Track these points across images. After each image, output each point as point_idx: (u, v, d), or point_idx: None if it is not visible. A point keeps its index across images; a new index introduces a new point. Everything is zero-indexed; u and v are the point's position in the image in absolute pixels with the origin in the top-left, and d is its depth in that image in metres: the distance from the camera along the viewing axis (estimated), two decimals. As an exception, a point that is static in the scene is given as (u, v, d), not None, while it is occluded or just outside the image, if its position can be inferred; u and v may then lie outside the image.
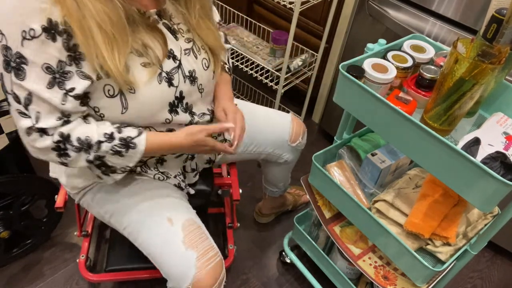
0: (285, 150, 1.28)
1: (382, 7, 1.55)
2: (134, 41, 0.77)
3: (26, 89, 0.70)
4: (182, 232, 0.93)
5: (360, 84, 0.90)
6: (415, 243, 1.02)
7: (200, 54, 0.93)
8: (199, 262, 0.91)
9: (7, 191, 1.31)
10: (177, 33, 0.89)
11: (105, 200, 0.99)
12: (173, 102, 0.88)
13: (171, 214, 0.96)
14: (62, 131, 0.76)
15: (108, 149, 0.80)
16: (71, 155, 0.78)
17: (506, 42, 0.82)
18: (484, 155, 0.81)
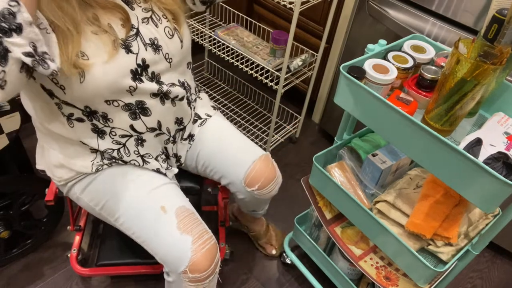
0: (239, 189, 1.12)
1: (382, 7, 1.55)
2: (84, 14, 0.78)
3: None
4: (176, 219, 0.94)
5: (361, 85, 0.90)
6: (417, 243, 1.02)
7: (161, 23, 0.92)
8: (194, 246, 0.92)
9: (7, 191, 1.30)
10: (132, 3, 0.89)
11: (95, 192, 0.99)
12: (135, 70, 0.87)
13: (164, 202, 0.97)
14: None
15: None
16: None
17: (507, 42, 0.82)
18: (486, 155, 0.81)
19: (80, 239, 1.37)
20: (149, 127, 0.97)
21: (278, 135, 2.02)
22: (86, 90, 0.82)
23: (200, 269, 0.93)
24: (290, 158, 2.04)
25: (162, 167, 1.05)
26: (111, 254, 1.25)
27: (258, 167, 1.08)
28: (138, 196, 0.97)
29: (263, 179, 1.08)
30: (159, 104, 0.96)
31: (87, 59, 0.80)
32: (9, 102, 1.20)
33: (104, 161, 0.98)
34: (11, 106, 1.21)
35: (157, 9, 0.92)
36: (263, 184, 1.08)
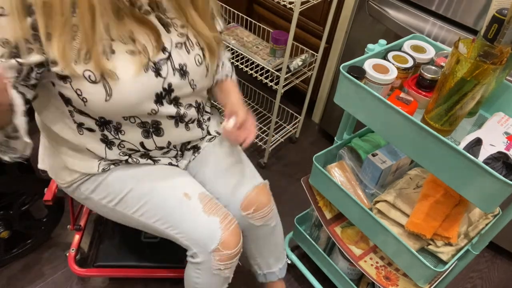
0: (234, 214, 1.07)
1: (382, 7, 1.55)
2: (119, 30, 0.78)
3: None
4: (200, 203, 0.98)
5: (361, 85, 0.90)
6: (417, 243, 1.02)
7: (193, 50, 0.92)
8: (222, 224, 0.97)
9: (7, 191, 1.30)
10: (170, 26, 0.89)
11: (110, 188, 0.99)
12: (160, 93, 0.87)
13: (185, 189, 1.00)
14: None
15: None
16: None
17: (507, 42, 0.82)
18: (486, 155, 0.81)
19: (80, 238, 1.37)
20: (158, 146, 0.98)
21: (278, 135, 2.02)
22: (108, 107, 0.82)
23: (230, 246, 0.97)
24: (290, 158, 2.04)
25: (172, 160, 1.07)
26: (110, 255, 1.24)
27: (256, 192, 1.09)
28: (158, 186, 0.99)
29: (258, 203, 1.09)
30: (173, 126, 0.97)
31: (116, 77, 0.79)
32: (9, 102, 1.20)
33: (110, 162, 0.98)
34: (11, 106, 1.21)
35: (192, 36, 0.92)
36: (258, 208, 1.09)
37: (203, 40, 0.94)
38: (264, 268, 1.25)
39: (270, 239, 1.19)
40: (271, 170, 1.95)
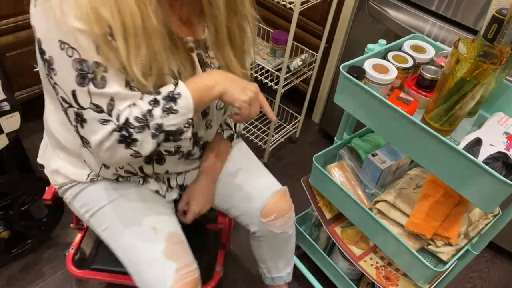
0: (252, 221, 1.07)
1: (382, 7, 1.55)
2: (173, 60, 0.77)
3: (108, 94, 0.69)
4: (164, 243, 0.90)
5: (361, 85, 0.90)
6: (417, 243, 1.02)
7: None
8: (177, 274, 0.88)
9: (7, 191, 1.30)
10: (207, 66, 0.87)
11: (87, 198, 0.96)
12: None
13: (156, 223, 0.93)
14: (120, 122, 0.72)
15: (160, 112, 0.73)
16: (138, 138, 0.73)
17: (507, 42, 0.82)
18: (486, 155, 0.81)
19: (81, 238, 1.36)
20: (156, 172, 0.96)
21: (278, 135, 2.02)
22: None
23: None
24: (290, 158, 2.04)
25: (162, 189, 1.01)
26: (107, 259, 1.22)
27: (277, 199, 1.06)
28: (131, 210, 0.94)
29: (280, 210, 1.05)
30: (177, 160, 0.96)
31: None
32: (9, 102, 1.20)
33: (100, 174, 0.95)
34: (11, 106, 1.21)
35: None
36: (279, 215, 1.04)
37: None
38: (273, 272, 1.22)
39: (286, 246, 1.16)
40: (271, 170, 1.93)
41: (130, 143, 0.74)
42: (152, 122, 0.73)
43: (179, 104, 0.74)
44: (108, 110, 0.70)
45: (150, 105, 0.73)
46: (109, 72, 0.68)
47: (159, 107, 0.73)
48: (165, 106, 0.74)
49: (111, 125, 0.71)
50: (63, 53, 0.65)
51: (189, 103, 0.75)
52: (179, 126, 0.77)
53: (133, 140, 0.73)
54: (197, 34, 0.85)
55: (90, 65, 0.66)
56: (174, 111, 0.74)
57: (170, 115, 0.74)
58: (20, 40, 1.60)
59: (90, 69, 0.66)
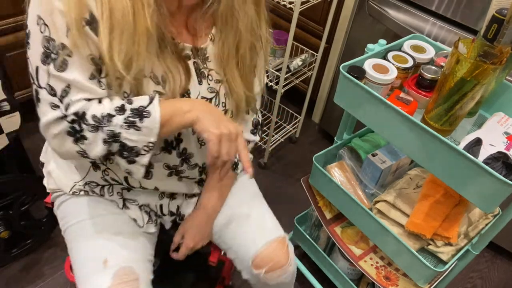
0: (244, 268, 0.97)
1: (382, 7, 1.55)
2: (158, 64, 0.74)
3: (66, 80, 0.67)
4: (111, 280, 0.82)
5: (361, 85, 0.90)
6: (417, 243, 1.02)
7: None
8: None
9: (7, 191, 1.30)
10: (204, 77, 0.83)
11: (64, 212, 0.94)
12: (170, 142, 0.82)
13: (111, 254, 0.85)
14: (78, 110, 0.69)
15: (121, 122, 0.70)
16: (87, 136, 0.70)
17: (507, 42, 0.82)
18: (486, 155, 0.81)
19: None
20: (143, 186, 0.89)
21: (278, 135, 2.02)
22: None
23: None
24: (290, 158, 2.04)
25: (142, 219, 0.94)
26: None
27: (271, 249, 0.94)
28: (94, 235, 0.88)
29: (272, 263, 0.93)
30: (165, 176, 0.88)
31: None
32: (9, 102, 1.20)
33: (85, 187, 0.91)
34: (11, 106, 1.21)
35: (222, 95, 0.86)
36: (271, 268, 0.93)
37: (233, 99, 0.86)
38: None
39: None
40: (271, 170, 1.95)
41: (79, 139, 0.70)
42: (107, 127, 0.70)
43: (144, 122, 0.71)
44: (61, 96, 0.68)
45: (114, 111, 0.70)
46: (73, 58, 0.66)
47: (122, 116, 0.70)
48: (129, 118, 0.70)
49: (59, 113, 0.68)
50: (37, 28, 0.65)
51: (154, 126, 0.71)
52: (137, 146, 0.73)
53: (82, 136, 0.70)
54: (198, 43, 0.81)
55: (55, 46, 0.65)
56: (136, 127, 0.71)
57: (131, 129, 0.71)
58: (20, 40, 1.60)
59: (54, 49, 0.65)
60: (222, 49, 0.81)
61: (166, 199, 0.96)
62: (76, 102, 0.69)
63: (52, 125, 0.69)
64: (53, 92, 0.68)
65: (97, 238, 0.88)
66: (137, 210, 0.93)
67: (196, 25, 0.80)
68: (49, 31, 0.64)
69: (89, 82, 0.69)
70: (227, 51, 0.82)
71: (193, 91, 0.81)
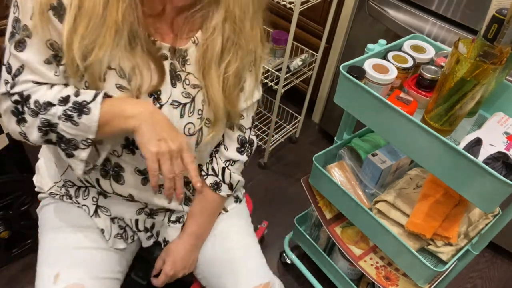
0: None
1: (382, 7, 1.55)
2: (126, 58, 0.71)
3: (20, 60, 0.69)
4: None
5: (361, 85, 0.90)
6: (417, 243, 1.02)
7: (190, 116, 0.80)
8: None
9: (7, 191, 1.30)
10: (179, 80, 0.78)
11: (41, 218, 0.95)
12: (131, 140, 0.78)
13: (64, 269, 0.83)
14: (22, 91, 0.69)
15: (60, 113, 0.68)
16: (27, 120, 0.70)
17: (507, 42, 0.82)
18: (486, 155, 0.81)
19: None
20: (116, 192, 0.85)
21: (278, 135, 2.02)
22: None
23: None
24: (290, 158, 2.04)
25: (109, 232, 0.89)
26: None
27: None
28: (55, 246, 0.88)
29: None
30: (139, 183, 0.84)
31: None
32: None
33: (62, 190, 0.90)
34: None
35: (199, 102, 0.80)
36: None
37: (210, 108, 0.81)
38: None
39: None
40: (271, 170, 1.95)
41: (20, 120, 0.71)
42: (43, 115, 0.69)
43: (82, 119, 0.68)
44: (14, 75, 0.70)
45: (57, 100, 0.69)
46: (32, 40, 0.67)
47: (62, 107, 0.69)
48: (67, 112, 0.68)
49: (3, 89, 0.71)
50: (12, 9, 0.68)
51: (92, 124, 0.69)
52: (75, 139, 0.70)
53: (23, 119, 0.71)
54: (178, 44, 0.78)
55: (20, 26, 0.67)
56: (74, 123, 0.69)
57: (67, 122, 0.69)
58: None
59: (18, 30, 0.67)
60: (205, 54, 0.78)
61: (143, 216, 0.92)
62: (23, 83, 0.70)
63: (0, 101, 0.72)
64: (9, 70, 0.70)
65: (56, 250, 0.87)
66: (107, 220, 0.89)
67: (181, 26, 0.78)
68: (19, 12, 0.67)
69: (42, 65, 0.70)
70: (210, 56, 0.77)
71: (164, 92, 0.77)
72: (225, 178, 0.92)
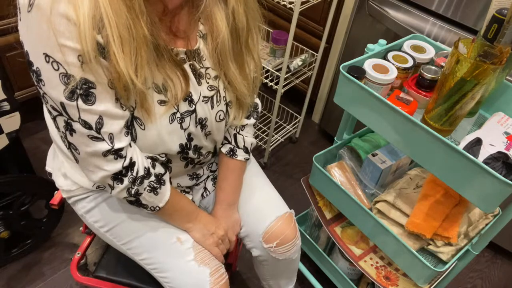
0: (255, 245, 1.04)
1: (382, 7, 1.55)
2: (158, 73, 0.74)
3: (97, 112, 0.68)
4: (193, 251, 0.92)
5: (361, 85, 0.90)
6: (417, 243, 1.02)
7: (218, 105, 0.88)
8: (212, 278, 0.90)
9: (7, 191, 1.30)
10: (202, 77, 0.84)
11: (102, 213, 0.95)
12: (185, 144, 0.85)
13: (180, 234, 0.93)
14: (132, 157, 0.76)
15: (146, 185, 0.80)
16: (124, 183, 0.77)
17: (507, 42, 0.82)
18: (486, 155, 0.81)
19: (89, 243, 1.34)
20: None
21: (278, 135, 2.02)
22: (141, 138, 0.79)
23: None
24: (290, 158, 2.04)
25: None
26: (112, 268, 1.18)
27: (280, 224, 1.00)
28: (151, 223, 0.94)
29: (283, 236, 1.00)
30: (183, 166, 0.93)
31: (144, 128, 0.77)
32: (9, 102, 1.20)
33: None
34: (11, 106, 1.21)
35: (222, 89, 0.88)
36: (281, 242, 1.00)
37: (233, 93, 0.89)
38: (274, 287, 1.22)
39: (289, 267, 1.12)
40: (271, 170, 1.95)
41: (117, 179, 0.77)
42: (137, 185, 0.79)
43: (162, 189, 0.83)
44: (97, 129, 0.70)
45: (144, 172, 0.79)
46: (98, 89, 0.67)
47: (147, 180, 0.80)
48: (152, 183, 0.81)
49: (105, 145, 0.72)
50: (48, 66, 0.64)
51: (166, 194, 0.85)
52: (147, 206, 0.84)
53: (121, 180, 0.77)
54: (190, 45, 0.82)
55: (77, 81, 0.64)
56: (155, 193, 0.83)
57: (151, 193, 0.82)
58: (20, 40, 1.60)
59: (77, 85, 0.65)
60: (215, 46, 0.83)
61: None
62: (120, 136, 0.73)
63: (99, 158, 0.74)
64: (87, 125, 0.69)
65: (155, 224, 0.94)
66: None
67: (182, 27, 0.80)
68: (64, 68, 0.63)
69: (116, 107, 0.71)
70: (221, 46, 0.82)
71: (194, 93, 0.82)
72: (238, 143, 1.00)
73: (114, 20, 0.63)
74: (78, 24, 0.60)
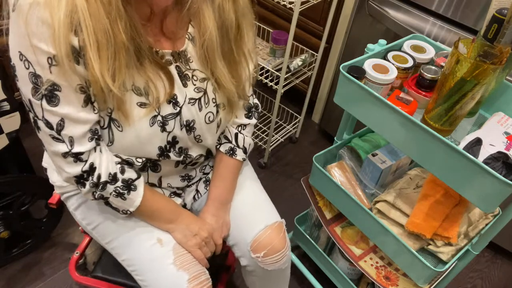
0: (243, 254, 0.99)
1: (382, 7, 1.55)
2: (139, 76, 0.74)
3: (59, 114, 0.69)
4: (172, 254, 0.88)
5: (361, 85, 0.90)
6: (417, 243, 1.02)
7: (207, 107, 0.86)
8: (190, 284, 0.85)
9: (7, 191, 1.30)
10: (188, 79, 0.83)
11: (89, 211, 0.94)
12: (164, 147, 0.83)
13: (161, 234, 0.91)
14: (93, 162, 0.76)
15: (112, 190, 0.80)
16: (86, 187, 0.78)
17: (507, 42, 0.82)
18: (486, 155, 0.81)
19: (88, 242, 1.34)
20: (149, 182, 0.93)
21: (278, 135, 2.02)
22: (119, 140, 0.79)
23: None
24: (290, 158, 2.04)
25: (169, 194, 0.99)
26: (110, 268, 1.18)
27: (269, 233, 0.96)
28: (132, 223, 0.92)
29: (270, 247, 0.95)
30: (173, 166, 0.92)
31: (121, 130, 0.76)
32: (9, 102, 1.20)
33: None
34: (11, 106, 1.21)
35: (210, 91, 0.86)
36: (269, 252, 0.96)
37: (223, 94, 0.87)
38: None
39: (279, 279, 1.07)
40: (271, 170, 1.95)
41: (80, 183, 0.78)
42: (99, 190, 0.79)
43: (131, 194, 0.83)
44: (57, 130, 0.71)
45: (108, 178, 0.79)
46: (63, 92, 0.67)
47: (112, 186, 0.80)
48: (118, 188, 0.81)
49: (64, 147, 0.72)
50: (21, 64, 0.66)
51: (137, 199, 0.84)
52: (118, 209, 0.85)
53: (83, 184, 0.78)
54: (177, 46, 0.81)
55: (42, 81, 0.66)
56: (123, 198, 0.82)
57: (118, 197, 0.82)
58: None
59: (43, 85, 0.66)
60: (204, 47, 0.81)
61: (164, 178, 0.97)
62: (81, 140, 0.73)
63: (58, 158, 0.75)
64: (49, 125, 0.70)
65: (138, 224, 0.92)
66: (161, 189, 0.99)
67: (172, 28, 0.80)
68: (34, 68, 0.65)
69: (82, 111, 0.71)
70: (210, 48, 0.81)
71: (179, 95, 0.81)
72: (238, 142, 1.00)
73: (91, 24, 0.63)
74: (53, 28, 0.61)
